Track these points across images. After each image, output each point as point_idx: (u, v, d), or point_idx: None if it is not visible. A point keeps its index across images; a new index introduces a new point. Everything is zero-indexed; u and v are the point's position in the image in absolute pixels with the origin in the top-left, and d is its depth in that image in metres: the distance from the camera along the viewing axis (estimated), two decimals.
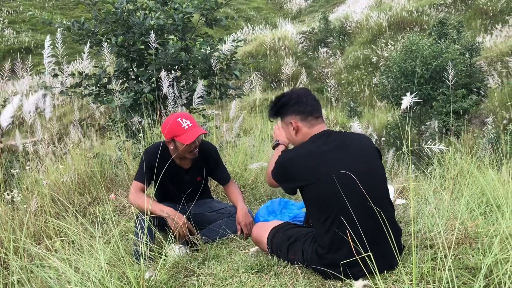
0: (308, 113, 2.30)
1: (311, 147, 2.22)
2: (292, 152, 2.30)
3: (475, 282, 1.67)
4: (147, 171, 2.71)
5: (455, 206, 2.74)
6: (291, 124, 2.32)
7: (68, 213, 2.94)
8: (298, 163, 2.19)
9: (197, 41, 5.39)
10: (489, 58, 13.72)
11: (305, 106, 2.30)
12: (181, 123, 2.69)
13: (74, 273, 1.95)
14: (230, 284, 2.13)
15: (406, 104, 3.29)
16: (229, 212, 2.98)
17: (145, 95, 4.79)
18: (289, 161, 2.24)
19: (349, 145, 2.22)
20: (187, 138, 2.67)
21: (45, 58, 4.10)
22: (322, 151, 2.17)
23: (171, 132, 2.70)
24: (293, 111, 2.32)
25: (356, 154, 2.19)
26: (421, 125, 10.81)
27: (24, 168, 3.76)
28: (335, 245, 2.07)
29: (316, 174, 2.12)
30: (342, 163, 2.11)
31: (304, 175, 2.15)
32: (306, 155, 2.19)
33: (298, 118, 2.30)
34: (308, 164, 2.16)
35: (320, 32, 19.58)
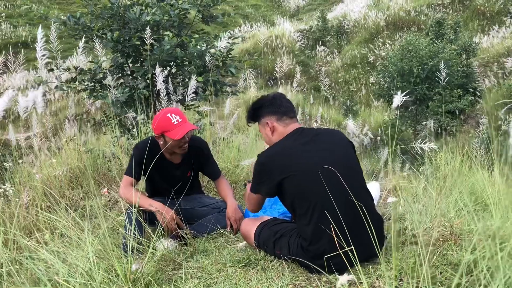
0: (283, 113, 2.43)
1: (286, 143, 2.33)
2: (268, 150, 2.38)
3: (455, 277, 1.70)
4: (137, 166, 2.73)
5: (443, 204, 2.77)
6: (267, 125, 2.45)
7: (59, 207, 2.96)
8: (275, 159, 2.28)
9: (193, 37, 5.40)
10: (485, 59, 13.77)
11: (280, 107, 2.44)
12: (170, 118, 2.71)
13: (62, 265, 1.97)
14: (217, 278, 2.16)
15: (397, 103, 3.32)
16: (219, 207, 3.00)
17: (140, 90, 4.80)
18: (266, 158, 2.31)
19: (321, 138, 2.34)
20: (176, 134, 2.69)
21: (38, 51, 4.11)
22: (296, 145, 2.28)
23: (161, 127, 2.72)
24: (268, 112, 2.45)
25: (329, 146, 2.31)
26: (417, 125, 10.85)
27: (17, 162, 3.77)
28: (316, 236, 2.12)
29: (292, 166, 2.20)
30: (316, 154, 2.23)
31: (281, 168, 2.22)
32: (282, 150, 2.30)
33: (274, 118, 2.43)
34: (285, 158, 2.25)
35: (318, 31, 19.60)
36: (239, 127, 6.70)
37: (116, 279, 1.93)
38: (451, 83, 10.88)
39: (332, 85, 16.23)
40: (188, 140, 2.83)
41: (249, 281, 2.11)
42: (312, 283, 2.06)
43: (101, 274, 1.91)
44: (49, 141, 4.71)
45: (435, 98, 10.72)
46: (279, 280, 2.10)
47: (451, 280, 1.92)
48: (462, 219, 2.47)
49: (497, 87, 12.10)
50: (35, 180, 3.42)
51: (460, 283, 1.78)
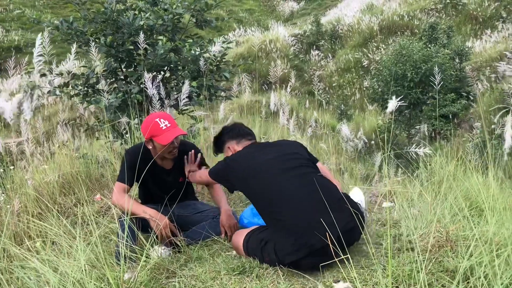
0: (242, 136, 2.72)
1: (244, 150, 2.62)
2: (232, 155, 2.62)
3: (452, 284, 1.69)
4: (129, 171, 2.70)
5: (438, 209, 2.76)
6: (229, 149, 2.71)
7: (51, 214, 2.92)
8: (234, 162, 2.54)
9: (186, 42, 5.38)
10: (478, 63, 13.85)
11: (239, 130, 2.74)
12: (159, 123, 2.69)
13: (54, 274, 1.93)
14: (211, 286, 2.13)
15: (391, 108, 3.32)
16: (213, 214, 2.97)
17: (133, 95, 4.76)
18: (229, 160, 2.57)
19: (272, 144, 2.68)
20: (164, 139, 2.67)
21: (35, 56, 4.08)
22: (246, 152, 2.58)
23: (149, 132, 2.70)
24: (229, 137, 2.73)
25: (278, 147, 2.58)
26: (411, 129, 10.88)
27: (8, 168, 3.73)
28: (287, 228, 2.24)
29: (248, 168, 2.45)
30: (264, 154, 2.50)
31: (235, 175, 2.49)
32: (240, 156, 2.57)
33: (234, 142, 2.71)
34: (241, 161, 2.51)
35: (312, 35, 19.65)
36: None
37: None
38: (444, 87, 10.92)
39: (326, 90, 16.26)
40: (177, 145, 2.81)
41: None
42: None
43: (93, 283, 1.88)
44: (41, 147, 4.67)
45: (429, 102, 10.75)
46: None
47: (447, 287, 1.90)
48: (458, 224, 2.46)
49: (490, 91, 12.17)
50: (27, 187, 3.38)
51: None
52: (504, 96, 10.74)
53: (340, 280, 2.05)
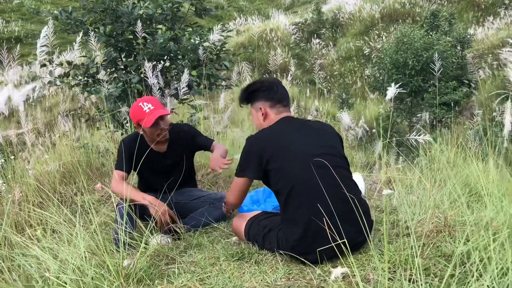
0: (277, 101, 2.44)
1: (276, 127, 2.37)
2: (257, 134, 2.41)
3: (449, 268, 1.70)
4: (126, 159, 2.73)
5: (437, 196, 2.77)
6: (260, 110, 2.46)
7: (52, 202, 2.94)
8: (263, 141, 2.31)
9: (186, 31, 5.36)
10: (480, 50, 13.77)
11: (275, 93, 2.44)
12: (142, 107, 2.73)
13: (54, 261, 1.95)
14: (210, 272, 2.15)
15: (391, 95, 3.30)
16: (210, 200, 2.98)
17: (133, 85, 4.76)
18: (255, 140, 2.34)
19: (312, 127, 2.39)
20: (148, 121, 2.70)
21: (38, 47, 4.08)
22: (285, 130, 2.33)
23: (135, 117, 2.76)
24: (263, 97, 2.46)
25: (317, 135, 2.34)
26: (412, 117, 10.85)
27: (9, 158, 3.74)
28: (299, 218, 2.16)
29: (278, 149, 2.24)
30: (303, 141, 2.27)
31: (268, 150, 2.25)
32: (270, 134, 2.34)
33: (268, 104, 2.45)
34: (272, 141, 2.28)
35: (313, 23, 19.53)
36: (233, 121, 6.68)
37: (108, 275, 1.92)
38: (446, 75, 10.87)
39: (327, 78, 16.20)
40: (165, 127, 2.82)
41: (243, 275, 2.10)
42: (306, 276, 2.05)
43: (93, 270, 1.90)
44: (42, 137, 4.69)
45: (430, 90, 10.71)
46: (272, 274, 2.09)
47: (445, 271, 1.91)
48: (456, 210, 2.47)
49: (491, 79, 12.11)
50: (28, 176, 3.39)
51: (454, 274, 1.78)
52: (506, 83, 10.69)
53: (338, 266, 2.06)
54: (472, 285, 1.63)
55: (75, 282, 1.85)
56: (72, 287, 1.79)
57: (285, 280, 2.03)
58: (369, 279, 1.98)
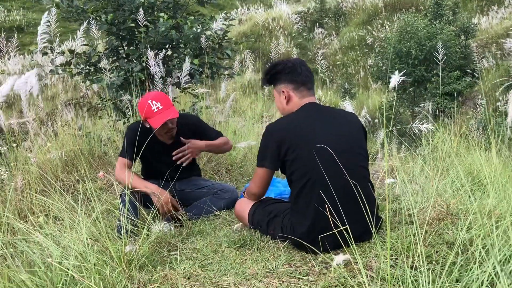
0: (301, 83, 2.31)
1: (298, 115, 2.26)
2: (278, 121, 2.32)
3: (451, 255, 1.70)
4: (130, 147, 2.71)
5: (440, 184, 2.76)
6: (283, 93, 2.33)
7: (54, 190, 2.94)
8: (283, 130, 2.22)
9: (188, 19, 5.33)
10: (484, 40, 13.68)
11: (299, 75, 2.31)
12: (151, 105, 2.65)
13: (56, 247, 1.96)
14: (212, 259, 2.16)
15: (394, 83, 3.28)
16: (214, 190, 2.98)
17: (135, 74, 4.75)
18: (275, 127, 2.27)
19: (335, 117, 2.28)
20: (155, 122, 2.65)
21: (39, 35, 4.05)
22: (308, 121, 2.22)
23: (143, 114, 2.69)
24: (286, 79, 2.33)
25: (341, 128, 2.24)
26: (415, 107, 10.81)
27: (11, 147, 3.75)
28: (309, 211, 2.12)
29: (300, 138, 2.16)
30: (325, 132, 2.17)
31: (287, 140, 2.17)
32: (292, 123, 2.23)
33: (291, 87, 2.32)
34: (293, 131, 2.19)
35: (315, 13, 19.42)
36: (235, 110, 6.66)
37: (110, 261, 1.92)
38: (449, 65, 10.81)
39: (330, 68, 16.14)
40: (173, 125, 2.79)
41: (245, 262, 2.11)
42: (308, 263, 2.05)
43: (95, 256, 1.90)
44: (44, 126, 4.69)
45: (433, 80, 10.66)
46: (274, 261, 2.09)
47: (447, 258, 1.91)
48: (459, 198, 2.46)
49: (495, 68, 12.04)
50: (30, 164, 3.40)
51: (455, 262, 1.78)
52: (510, 73, 10.63)
53: (340, 253, 2.06)
54: (474, 272, 1.63)
55: (77, 268, 1.86)
56: (75, 272, 1.79)
57: (287, 267, 2.03)
58: (371, 266, 1.98)
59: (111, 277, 1.83)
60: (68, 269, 1.81)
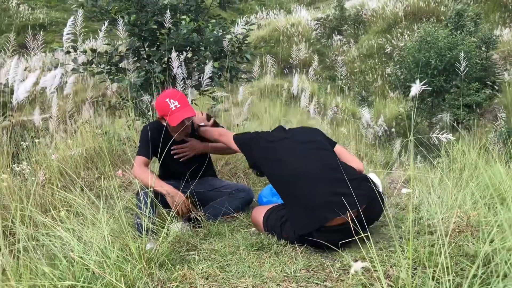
0: None
1: (272, 133, 2.70)
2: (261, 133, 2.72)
3: (472, 268, 1.68)
4: (145, 144, 2.75)
5: (459, 195, 2.73)
6: None
7: (75, 186, 2.99)
8: (262, 141, 2.62)
9: (209, 22, 5.37)
10: (506, 52, 13.51)
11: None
12: (169, 103, 2.68)
13: (78, 242, 1.99)
14: (230, 260, 2.17)
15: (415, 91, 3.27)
16: (229, 190, 2.99)
17: (156, 74, 4.80)
18: (260, 138, 2.66)
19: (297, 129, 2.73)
20: (172, 120, 2.68)
21: (65, 34, 4.13)
22: (277, 136, 2.63)
23: (161, 111, 2.73)
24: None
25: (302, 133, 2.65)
26: (433, 117, 10.72)
27: (34, 142, 3.81)
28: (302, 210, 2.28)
29: (269, 149, 2.54)
30: (289, 141, 2.55)
31: (262, 150, 2.56)
32: (268, 136, 2.67)
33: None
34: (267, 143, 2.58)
35: (335, 20, 19.40)
36: (253, 114, 6.68)
37: (130, 258, 1.94)
38: (469, 76, 10.70)
39: (347, 75, 16.08)
40: (189, 123, 2.83)
41: (262, 265, 2.11)
42: (326, 269, 2.05)
43: (116, 252, 1.92)
44: (65, 124, 4.76)
45: (452, 91, 10.56)
46: (292, 265, 2.09)
47: (467, 270, 1.90)
48: (479, 211, 2.43)
49: None
50: (51, 160, 3.45)
51: (477, 274, 1.76)
52: None
53: (358, 260, 2.06)
54: (497, 285, 1.61)
55: (98, 263, 1.89)
56: (96, 268, 1.82)
57: (304, 272, 2.03)
58: (389, 275, 1.97)
59: (132, 273, 1.85)
60: (89, 264, 1.83)
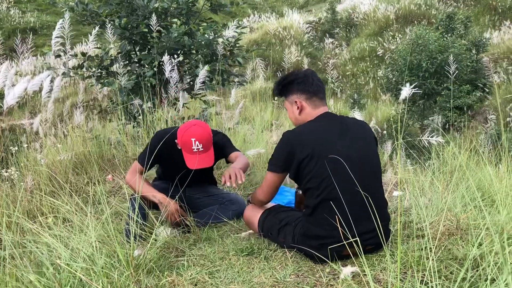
0: (313, 93, 2.31)
1: (313, 125, 2.25)
2: (299, 128, 2.29)
3: (461, 271, 1.68)
4: (149, 154, 2.63)
5: (450, 198, 2.74)
6: (296, 103, 2.33)
7: (64, 191, 2.96)
8: (302, 137, 2.19)
9: (201, 26, 5.37)
10: (495, 54, 13.61)
11: (311, 85, 2.31)
12: (192, 144, 2.56)
13: (65, 249, 1.97)
14: (220, 266, 2.15)
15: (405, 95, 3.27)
16: (222, 199, 2.95)
17: (147, 78, 4.78)
18: (294, 134, 2.22)
19: (349, 128, 2.26)
20: (190, 162, 2.58)
21: (53, 38, 4.10)
22: (323, 130, 2.21)
23: (182, 144, 2.61)
24: (298, 89, 2.32)
25: (355, 138, 2.23)
26: (424, 120, 10.76)
27: (22, 147, 3.78)
28: (321, 221, 2.10)
29: (315, 148, 2.13)
30: (340, 144, 2.16)
31: (306, 148, 2.14)
32: (310, 132, 2.21)
33: (303, 97, 2.31)
34: (311, 140, 2.16)
35: (326, 23, 19.46)
36: (245, 117, 6.67)
37: (118, 265, 1.92)
38: (460, 79, 10.77)
39: (339, 78, 16.13)
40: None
41: (252, 270, 2.10)
42: (315, 273, 2.04)
43: (103, 259, 1.91)
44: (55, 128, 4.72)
45: (443, 93, 10.62)
46: (281, 270, 2.08)
47: (456, 274, 1.89)
48: (469, 213, 2.44)
49: (506, 84, 11.97)
50: (40, 165, 3.42)
51: (466, 278, 1.76)
52: None
53: (348, 264, 2.05)
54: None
55: (85, 270, 1.86)
56: (83, 275, 1.80)
57: (294, 277, 2.02)
58: (379, 279, 1.96)
59: (119, 280, 1.83)
60: (76, 271, 1.81)
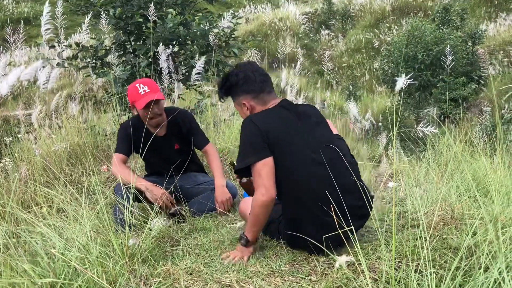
0: (259, 91, 2.20)
1: (273, 112, 2.16)
2: (260, 113, 2.16)
3: (455, 260, 1.69)
4: (123, 142, 2.75)
5: (444, 189, 2.75)
6: (244, 105, 2.23)
7: (58, 182, 2.95)
8: (269, 121, 2.10)
9: (196, 16, 5.33)
10: (491, 46, 13.63)
11: (254, 83, 2.19)
12: (138, 88, 2.71)
13: (59, 238, 1.96)
14: (215, 255, 2.15)
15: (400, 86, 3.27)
16: (211, 186, 2.96)
17: (141, 69, 4.75)
18: (259, 117, 2.12)
19: (307, 114, 2.21)
20: (141, 104, 2.68)
21: (42, 26, 4.06)
22: (285, 118, 2.13)
23: (130, 97, 2.75)
24: (242, 91, 2.21)
25: (316, 123, 2.20)
26: (420, 112, 10.79)
27: (16, 137, 3.76)
28: (305, 217, 2.09)
29: (285, 134, 2.08)
30: (306, 131, 2.12)
31: (275, 132, 2.06)
32: (274, 117, 2.13)
33: (250, 97, 2.21)
34: (277, 124, 2.10)
35: (323, 14, 19.40)
36: None
37: (113, 254, 1.92)
38: (455, 71, 10.78)
39: (335, 70, 16.11)
40: (159, 111, 2.79)
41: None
42: (310, 263, 2.05)
43: (98, 248, 1.90)
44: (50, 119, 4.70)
45: (439, 85, 10.64)
46: (277, 259, 2.09)
47: (451, 263, 1.90)
48: (463, 203, 2.45)
49: (502, 76, 12.01)
50: (35, 156, 3.41)
51: (460, 266, 1.77)
52: None
53: (343, 254, 2.05)
54: (479, 277, 1.62)
55: (80, 259, 1.86)
56: (77, 264, 1.79)
57: (289, 266, 2.02)
58: (374, 268, 1.97)
59: (114, 270, 1.83)
60: (71, 261, 1.80)
